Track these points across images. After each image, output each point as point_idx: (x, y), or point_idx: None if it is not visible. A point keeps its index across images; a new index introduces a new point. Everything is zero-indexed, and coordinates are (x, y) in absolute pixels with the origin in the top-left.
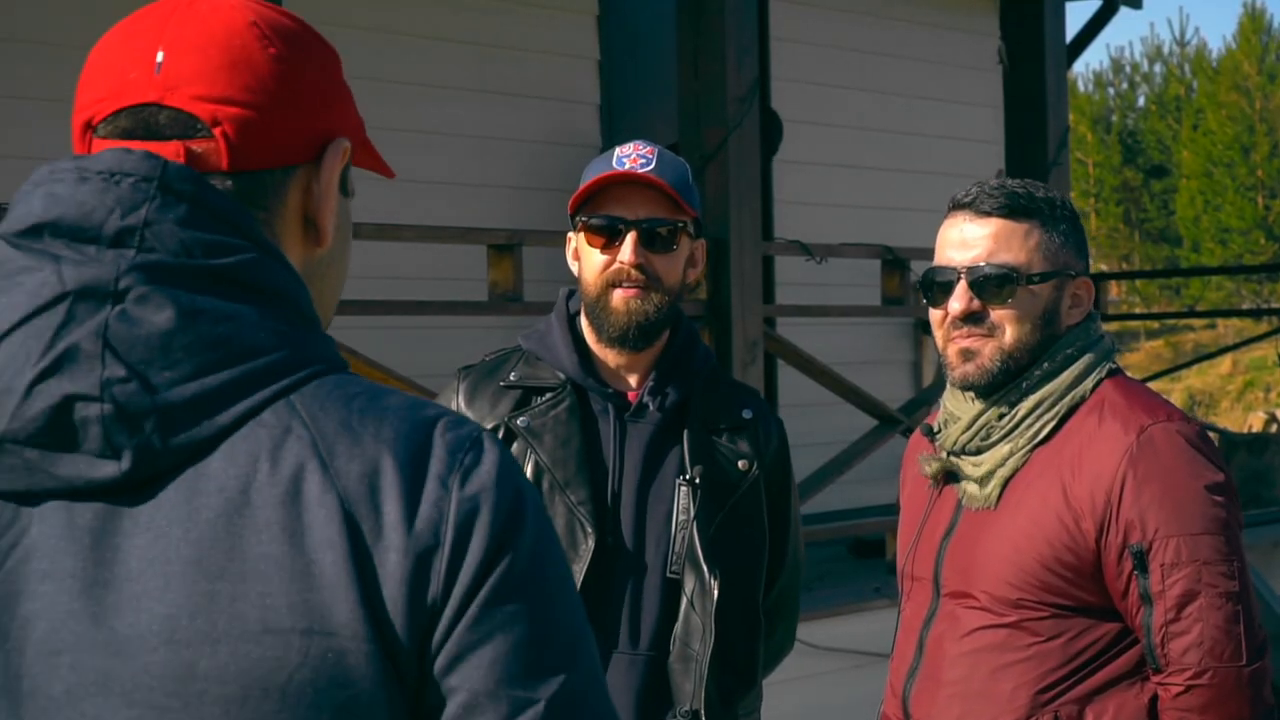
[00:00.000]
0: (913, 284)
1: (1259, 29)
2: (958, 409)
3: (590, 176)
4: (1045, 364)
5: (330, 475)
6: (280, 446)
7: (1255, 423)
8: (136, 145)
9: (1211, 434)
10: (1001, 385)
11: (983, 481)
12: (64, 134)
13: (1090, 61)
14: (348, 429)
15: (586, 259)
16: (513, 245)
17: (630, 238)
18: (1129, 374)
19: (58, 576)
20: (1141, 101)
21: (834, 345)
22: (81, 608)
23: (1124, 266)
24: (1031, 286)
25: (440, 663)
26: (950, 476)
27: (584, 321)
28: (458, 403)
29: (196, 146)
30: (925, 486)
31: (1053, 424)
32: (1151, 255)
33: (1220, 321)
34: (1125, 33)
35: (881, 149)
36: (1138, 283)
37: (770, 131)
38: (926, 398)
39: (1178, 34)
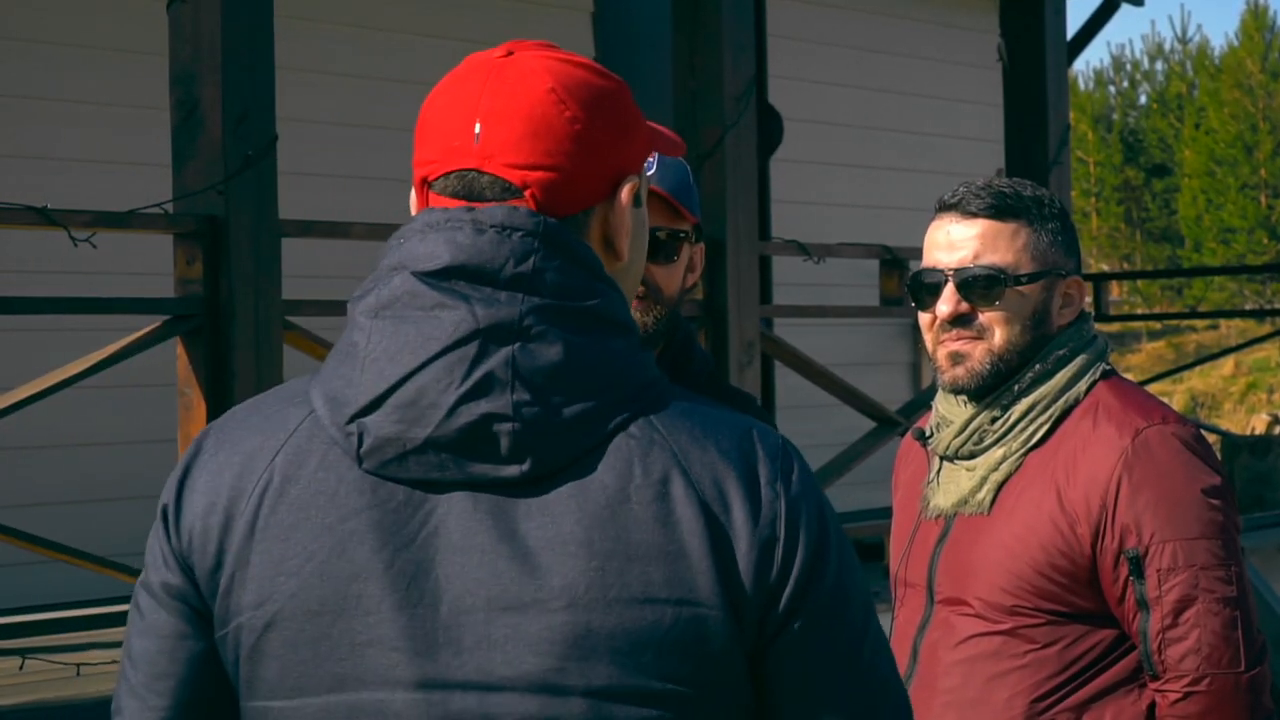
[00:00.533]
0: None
1: (1262, 26)
2: (950, 413)
3: None
4: (1037, 365)
5: (691, 480)
6: (648, 455)
7: (1258, 425)
8: (463, 204)
9: (1214, 436)
10: (992, 388)
11: (976, 487)
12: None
13: (1091, 59)
14: (696, 443)
15: None
16: None
17: None
18: (1126, 375)
19: (467, 550)
20: (1143, 99)
21: (832, 346)
22: (492, 575)
23: (1125, 267)
24: (1020, 287)
25: (775, 638)
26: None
27: None
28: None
29: (513, 205)
30: (918, 491)
31: (1046, 427)
32: (1153, 255)
33: (1223, 322)
34: (1126, 30)
35: (880, 147)
36: (1139, 283)
37: (771, 129)
38: (925, 399)
39: (1179, 31)
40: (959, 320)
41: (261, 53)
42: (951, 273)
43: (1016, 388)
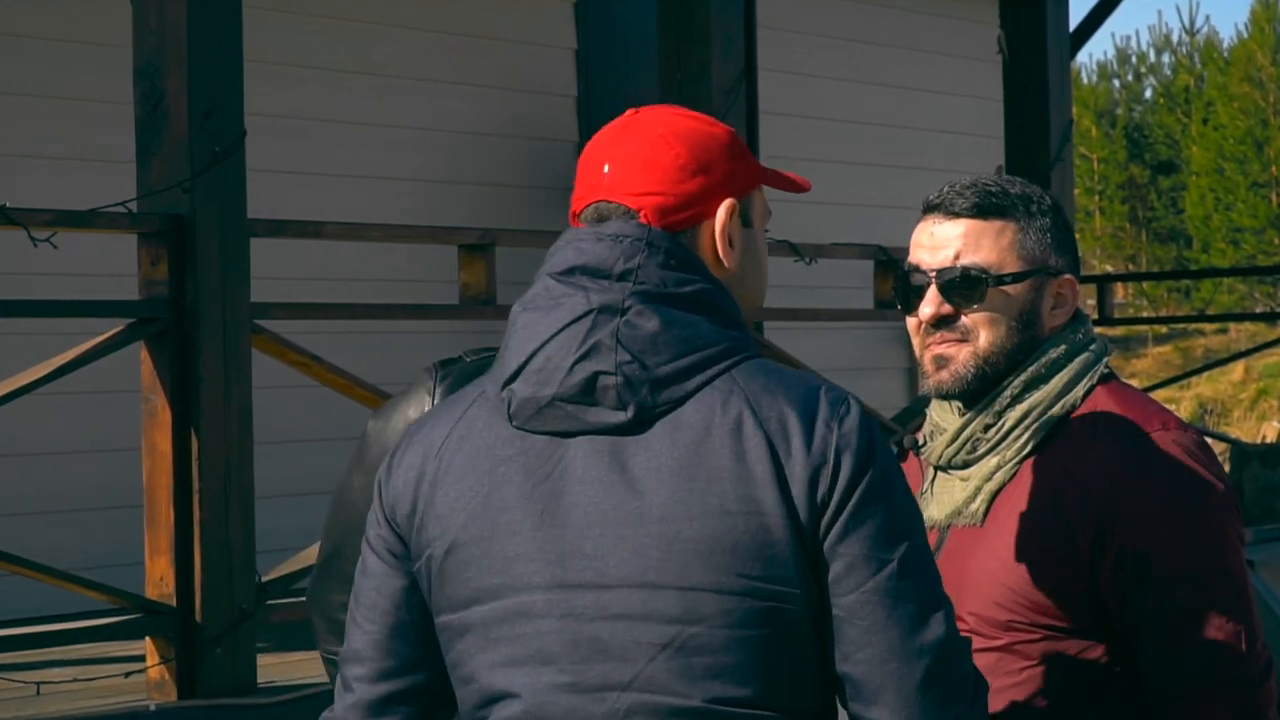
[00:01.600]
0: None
1: (1273, 17)
2: (943, 420)
3: None
4: (1029, 369)
5: (759, 419)
6: (726, 402)
7: (1269, 433)
8: (586, 226)
9: (1222, 445)
10: (980, 392)
11: (969, 498)
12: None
13: (1094, 51)
14: (767, 392)
15: None
16: (485, 245)
17: None
18: (1130, 381)
19: (589, 481)
20: (1149, 94)
21: (824, 350)
22: (605, 498)
23: (1130, 268)
24: (1005, 287)
25: (830, 539)
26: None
27: None
28: (432, 407)
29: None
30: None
31: (1042, 434)
32: (1159, 256)
33: (1232, 326)
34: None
35: (874, 144)
36: (1145, 285)
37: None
38: (921, 406)
39: (1187, 22)
40: (943, 322)
41: (229, 45)
42: (934, 274)
43: (1009, 394)
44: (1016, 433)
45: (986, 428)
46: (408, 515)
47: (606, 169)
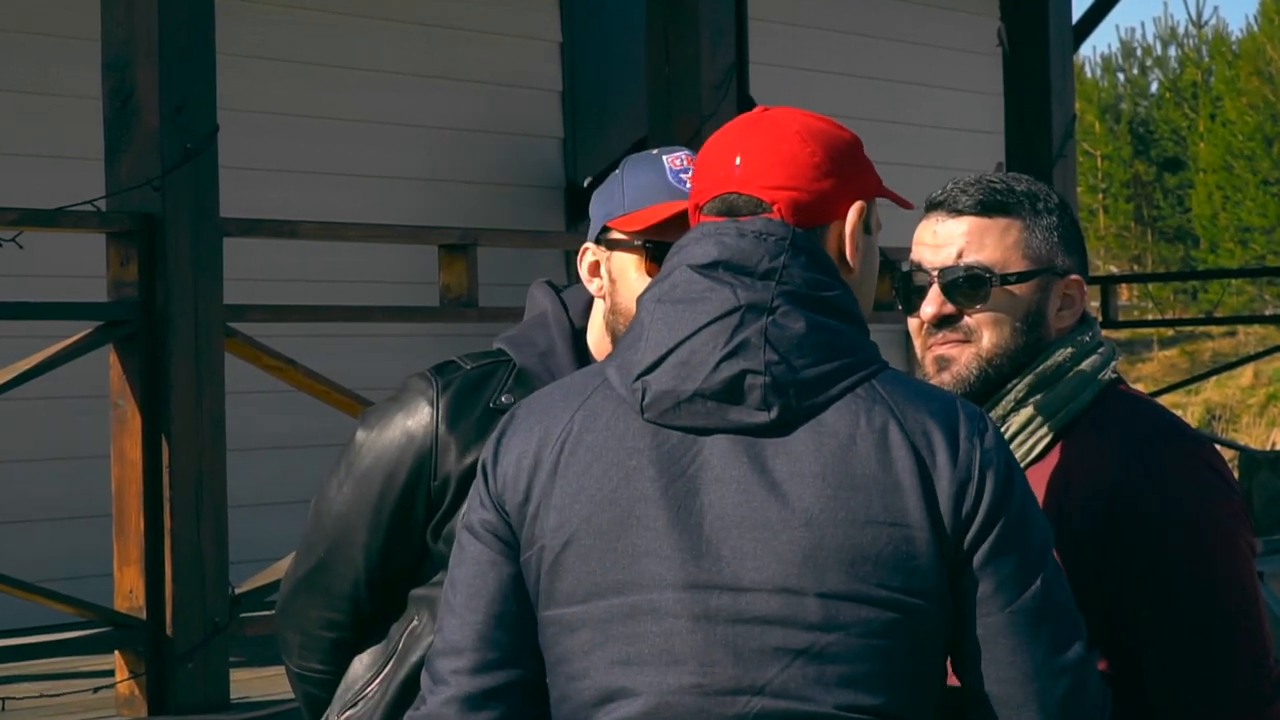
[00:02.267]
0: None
1: None
2: None
3: (640, 189)
4: (1034, 372)
5: (905, 430)
6: (871, 410)
7: (1279, 439)
8: (724, 219)
9: (1231, 452)
10: (983, 396)
11: None
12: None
13: (1098, 44)
14: (911, 402)
15: (634, 282)
16: (466, 245)
17: None
18: (1136, 386)
19: (727, 481)
20: (1154, 88)
21: None
22: (745, 500)
23: (1135, 268)
24: (1009, 287)
25: (977, 557)
26: None
27: (596, 339)
28: (435, 420)
29: (768, 217)
30: None
31: (1046, 441)
32: (1165, 256)
33: (1241, 329)
34: (1137, 12)
35: (869, 140)
36: (1150, 286)
37: None
38: None
39: (1194, 14)
40: (945, 323)
41: (201, 37)
42: (936, 272)
43: (1013, 397)
44: (1020, 438)
45: None
46: (520, 504)
47: (739, 161)
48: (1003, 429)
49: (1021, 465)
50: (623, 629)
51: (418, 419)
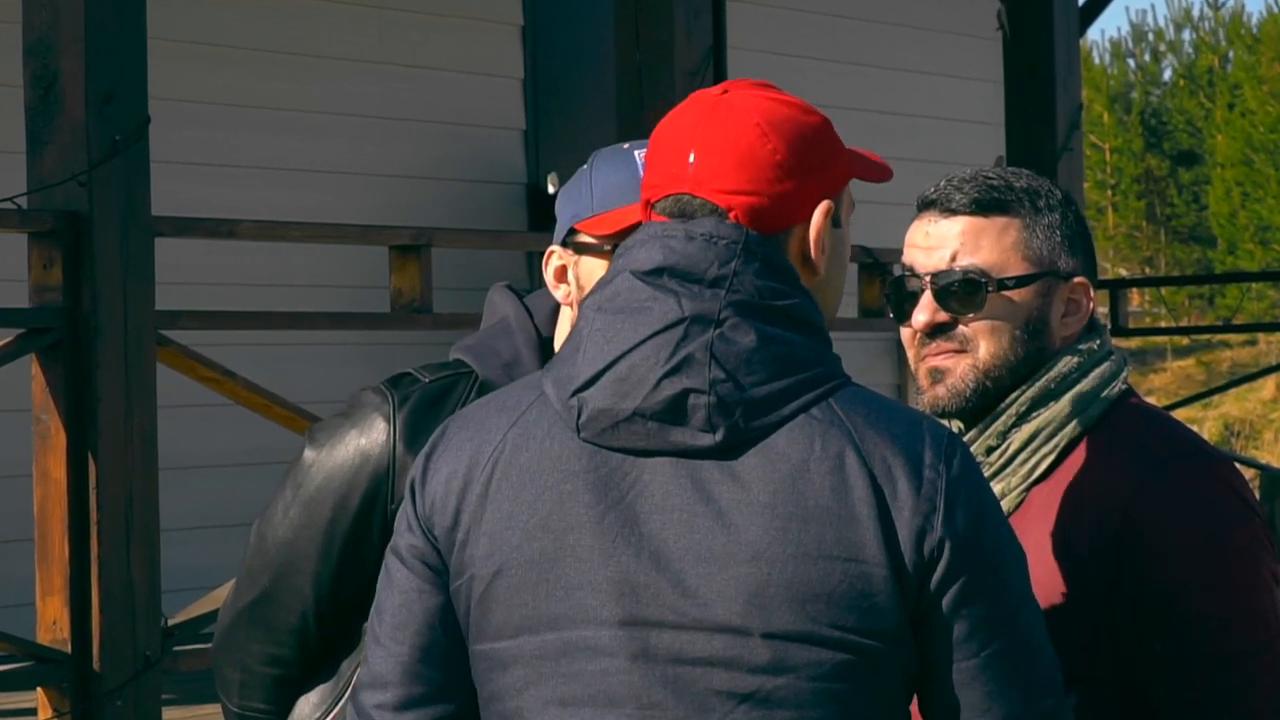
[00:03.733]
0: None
1: None
2: None
3: (610, 189)
4: (1037, 385)
5: (863, 456)
6: (826, 433)
7: None
8: (673, 221)
9: (1251, 471)
10: (981, 410)
11: None
12: None
13: (1106, 28)
14: (871, 425)
15: None
16: (419, 246)
17: None
18: (1145, 398)
19: (668, 509)
20: (1168, 75)
21: None
22: (687, 530)
23: (1147, 271)
24: (1008, 292)
25: (947, 599)
26: None
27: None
28: (391, 438)
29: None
30: None
31: (1051, 459)
32: (1180, 258)
33: (1261, 337)
34: None
35: (858, 132)
36: (1163, 291)
37: None
38: None
39: None
40: (939, 331)
41: (131, 20)
42: (928, 277)
43: (1014, 412)
44: (1023, 456)
45: (989, 450)
46: (448, 528)
47: (692, 159)
48: (1002, 447)
49: (1023, 486)
50: (557, 667)
51: (373, 437)
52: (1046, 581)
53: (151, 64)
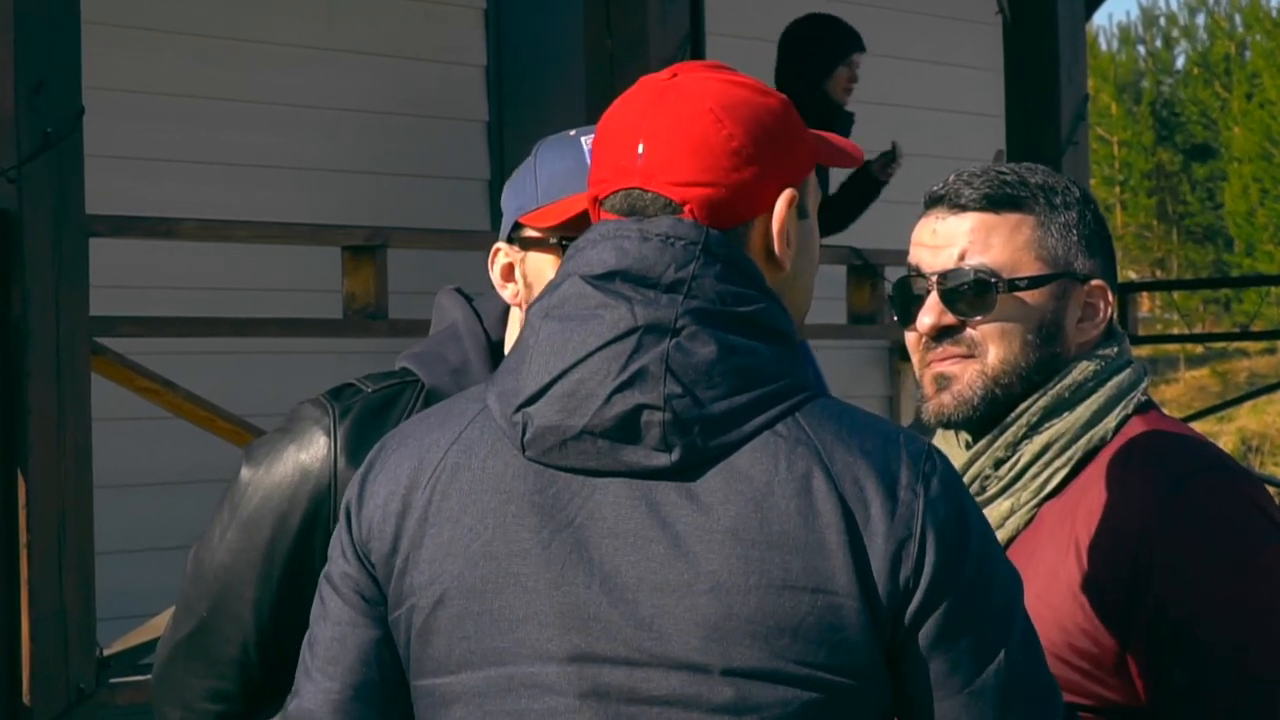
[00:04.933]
0: (887, 296)
1: None
2: (948, 453)
3: (555, 178)
4: (1050, 393)
5: (832, 477)
6: (793, 452)
7: None
8: (625, 219)
9: (1273, 488)
10: (990, 420)
11: None
12: None
13: (1115, 11)
14: (841, 443)
15: None
16: (374, 247)
17: None
18: (1163, 409)
19: (619, 534)
20: (1181, 63)
21: None
22: (641, 558)
23: (1158, 274)
24: (1020, 293)
25: (925, 632)
26: None
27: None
28: (332, 453)
29: (678, 217)
30: None
31: (1064, 473)
32: (1193, 260)
33: None
34: None
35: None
36: (1175, 295)
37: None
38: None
39: None
40: (946, 335)
41: (63, 3)
42: (935, 277)
43: (1025, 422)
44: (1034, 470)
45: (998, 463)
46: (386, 555)
47: (641, 149)
48: (1012, 460)
49: (1034, 502)
50: (501, 705)
51: (312, 452)
52: (1058, 605)
53: (85, 51)
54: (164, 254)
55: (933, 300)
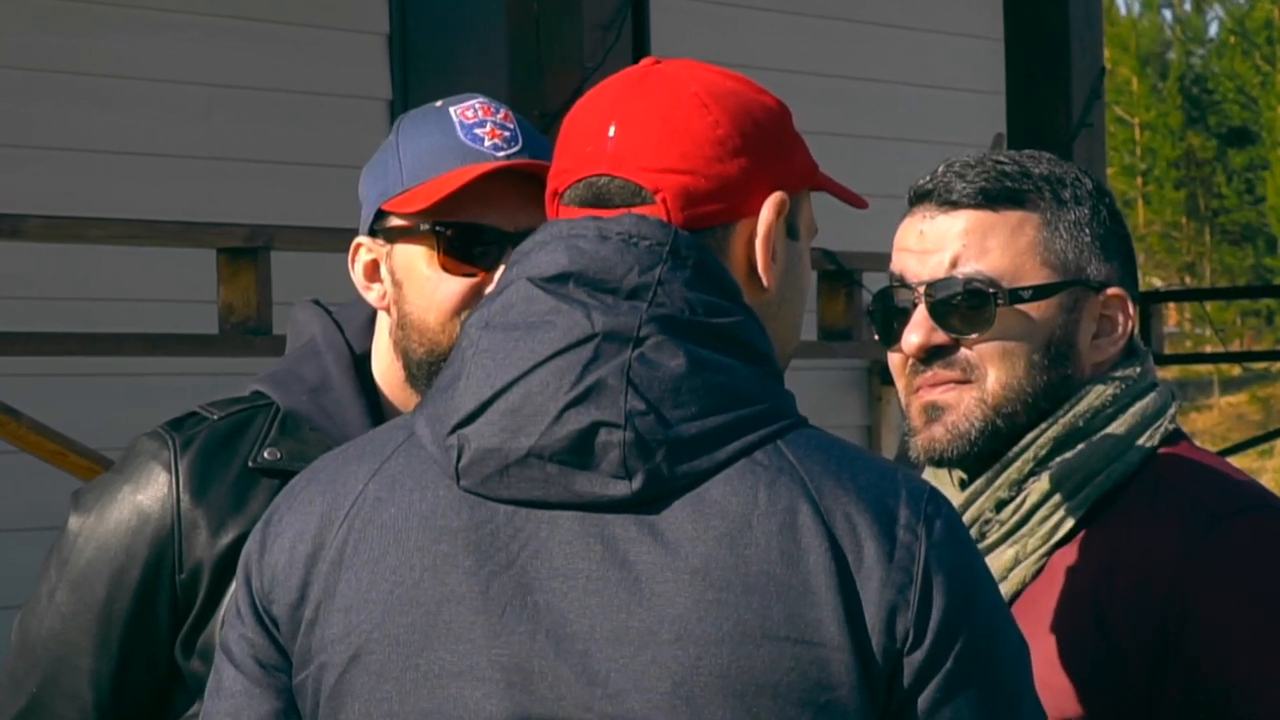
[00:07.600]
0: (866, 309)
1: None
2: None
3: (422, 155)
4: (1060, 423)
5: (820, 513)
6: (775, 482)
7: None
8: (590, 212)
9: None
10: (989, 455)
11: None
12: None
13: None
14: (831, 475)
15: (425, 282)
16: (255, 249)
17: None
18: (1195, 441)
19: (571, 576)
20: (1214, 31)
21: None
22: (596, 604)
23: (1187, 281)
24: (1023, 305)
25: (927, 694)
26: None
27: (383, 367)
28: (174, 491)
29: (642, 213)
30: None
31: (1077, 517)
32: (1229, 264)
33: None
34: None
35: (819, 105)
36: (1208, 306)
37: None
38: None
39: None
40: (936, 356)
41: None
42: (923, 288)
43: (1031, 458)
44: (1042, 512)
45: (1000, 505)
46: (291, 606)
47: (612, 131)
48: (1016, 501)
49: (1043, 550)
50: None
51: (151, 492)
52: (1072, 670)
53: None
54: (6, 256)
55: (920, 315)
